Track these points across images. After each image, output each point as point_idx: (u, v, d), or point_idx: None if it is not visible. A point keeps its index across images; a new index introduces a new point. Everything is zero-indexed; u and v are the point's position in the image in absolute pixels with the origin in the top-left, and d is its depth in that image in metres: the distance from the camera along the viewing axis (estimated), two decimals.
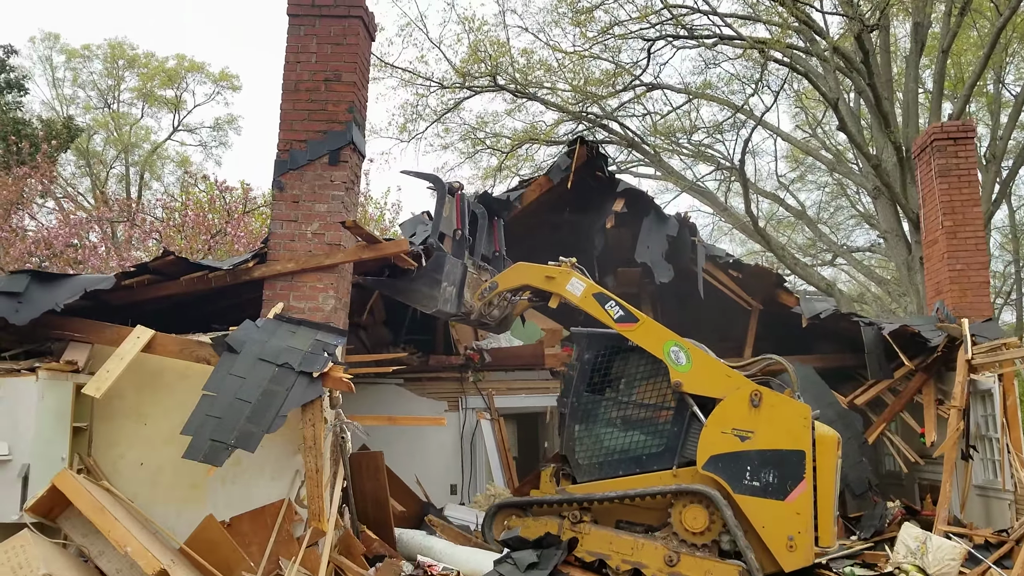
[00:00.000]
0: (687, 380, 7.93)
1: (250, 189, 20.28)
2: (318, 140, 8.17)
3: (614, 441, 8.32)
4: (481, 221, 9.57)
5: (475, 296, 8.93)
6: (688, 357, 7.97)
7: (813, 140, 27.45)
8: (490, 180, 25.25)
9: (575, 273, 8.46)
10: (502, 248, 9.88)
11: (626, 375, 8.46)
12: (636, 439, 8.24)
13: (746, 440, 7.64)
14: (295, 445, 7.12)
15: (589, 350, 8.54)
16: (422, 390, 11.47)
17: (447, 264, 8.47)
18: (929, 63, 22.39)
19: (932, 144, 11.84)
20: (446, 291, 8.44)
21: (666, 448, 8.09)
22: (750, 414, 7.67)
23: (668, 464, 8.03)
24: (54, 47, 37.12)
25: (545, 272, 8.58)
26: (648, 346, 8.10)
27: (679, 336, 8.12)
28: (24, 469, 6.69)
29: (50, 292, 7.27)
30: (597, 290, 8.35)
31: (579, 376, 8.52)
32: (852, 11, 18.07)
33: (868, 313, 27.21)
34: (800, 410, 7.68)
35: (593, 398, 8.46)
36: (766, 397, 7.69)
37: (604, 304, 8.24)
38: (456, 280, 8.59)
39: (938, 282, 11.86)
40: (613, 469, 8.25)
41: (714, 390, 7.88)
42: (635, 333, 8.14)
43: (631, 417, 8.31)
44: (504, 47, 23.08)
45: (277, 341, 7.24)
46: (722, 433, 7.72)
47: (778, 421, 7.64)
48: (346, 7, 8.31)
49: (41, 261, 16.79)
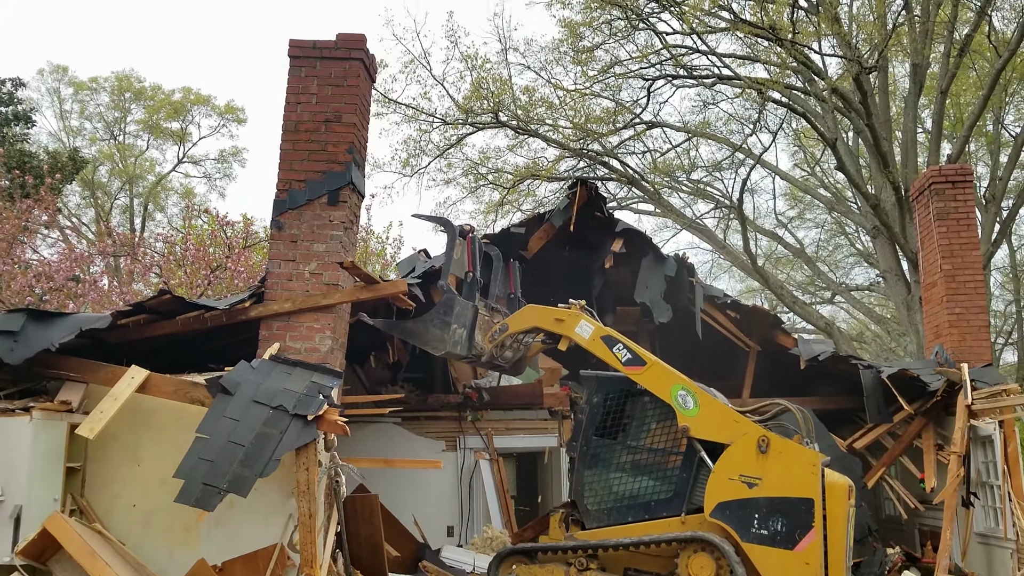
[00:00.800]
0: (694, 425, 7.82)
1: (251, 223, 20.37)
2: (317, 180, 8.21)
3: (623, 486, 8.17)
4: (496, 263, 9.59)
5: (486, 338, 8.89)
6: (696, 401, 7.86)
7: (812, 179, 27.58)
8: (492, 215, 25.34)
9: (584, 316, 8.41)
10: (517, 290, 9.88)
11: (635, 419, 8.33)
12: (645, 485, 8.09)
13: (754, 487, 7.49)
14: (289, 489, 7.07)
15: (598, 393, 8.42)
16: (420, 429, 11.41)
17: (457, 306, 8.45)
18: (928, 103, 22.53)
19: (930, 187, 11.87)
20: (456, 333, 8.42)
21: (675, 494, 7.95)
22: (758, 460, 7.53)
23: (677, 511, 7.88)
24: (62, 79, 37.49)
25: (554, 315, 8.53)
26: (656, 390, 8.00)
27: (687, 379, 8.02)
28: (16, 510, 6.65)
29: (46, 331, 7.28)
30: (605, 332, 8.28)
31: (588, 420, 8.39)
32: (850, 52, 18.22)
33: (867, 352, 27.16)
34: (808, 457, 7.53)
35: (602, 442, 8.31)
36: (774, 443, 7.56)
37: (612, 347, 8.16)
38: (467, 322, 8.56)
39: (937, 325, 11.83)
40: (622, 515, 8.09)
41: (722, 435, 7.75)
42: (643, 377, 8.04)
43: (640, 462, 8.17)
44: (506, 84, 23.28)
45: (272, 383, 7.22)
46: (730, 479, 7.58)
47: (786, 468, 7.49)
48: (347, 50, 8.39)
49: (42, 295, 16.81)
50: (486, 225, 25.37)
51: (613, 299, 12.85)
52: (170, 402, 7.25)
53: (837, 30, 18.12)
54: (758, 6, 18.58)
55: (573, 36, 22.38)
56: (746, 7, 19.80)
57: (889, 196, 18.87)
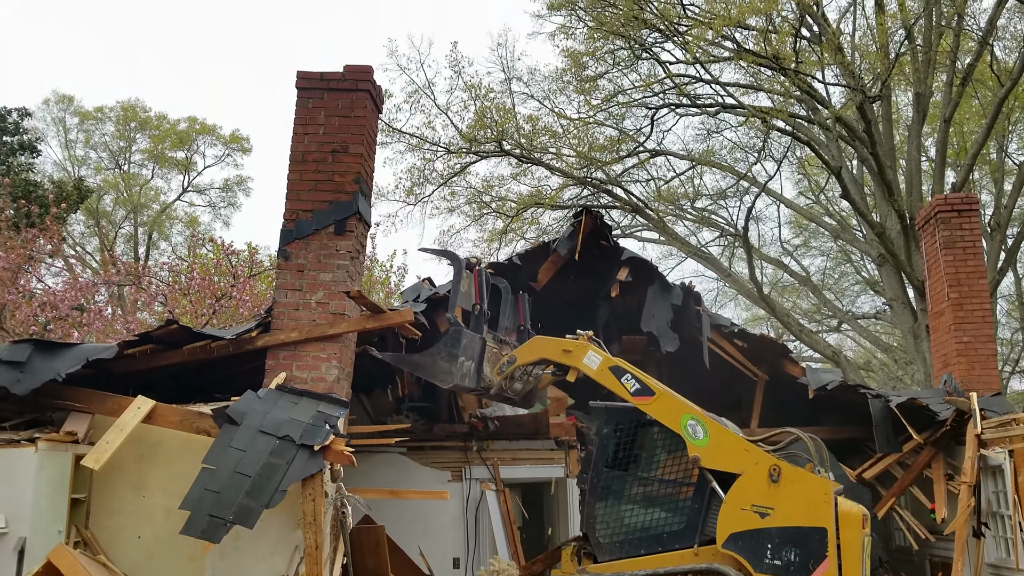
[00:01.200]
0: (705, 455, 7.72)
1: (256, 251, 20.40)
2: (324, 210, 8.22)
3: (635, 518, 8.07)
4: (505, 295, 9.57)
5: (495, 371, 8.84)
6: (705, 431, 7.76)
7: (816, 206, 27.63)
8: (495, 243, 25.39)
9: (592, 346, 8.36)
10: (527, 322, 9.84)
11: (645, 450, 8.23)
12: (657, 516, 7.97)
13: (766, 517, 7.37)
14: (295, 520, 7.00)
15: (607, 424, 8.34)
16: (425, 459, 11.33)
17: (464, 339, 8.39)
18: (931, 132, 22.63)
19: (936, 216, 11.87)
20: (464, 365, 8.35)
21: (687, 525, 7.84)
22: (769, 490, 7.41)
23: (689, 542, 7.76)
24: (67, 109, 37.77)
25: (562, 346, 8.49)
26: (665, 420, 7.91)
27: (697, 409, 7.94)
28: (20, 542, 6.59)
29: (52, 361, 7.26)
30: (614, 363, 8.21)
31: (598, 451, 8.30)
32: (854, 82, 18.33)
33: (874, 381, 27.06)
34: (820, 485, 7.40)
35: (613, 474, 8.21)
36: (785, 472, 7.45)
37: (620, 377, 8.09)
38: (474, 355, 8.52)
39: (945, 354, 11.78)
40: (634, 548, 7.97)
41: (733, 465, 7.65)
42: (652, 407, 7.96)
43: (652, 493, 8.06)
44: (510, 113, 23.42)
45: (278, 412, 7.18)
46: (741, 510, 7.46)
47: (798, 497, 7.37)
48: (354, 81, 8.43)
49: (46, 324, 16.80)
50: (489, 253, 25.41)
51: (619, 328, 12.81)
52: (176, 432, 7.22)
53: (840, 60, 18.24)
54: (761, 36, 18.71)
55: (576, 66, 22.57)
56: (749, 37, 19.96)
57: (894, 224, 18.89)
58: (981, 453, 10.02)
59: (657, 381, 8.21)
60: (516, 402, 9.51)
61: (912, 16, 18.32)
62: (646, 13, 19.76)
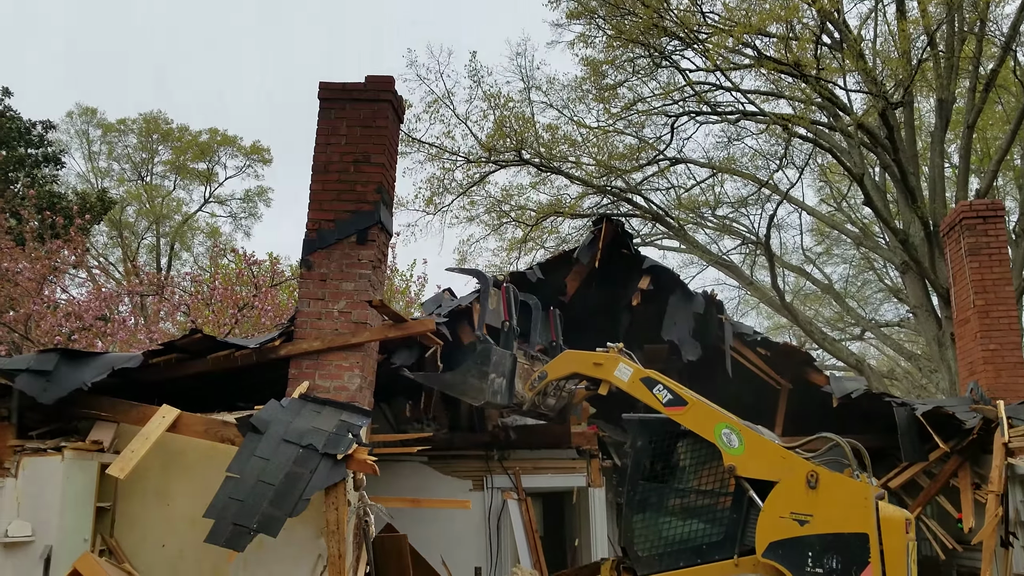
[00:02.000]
0: (740, 463, 7.54)
1: (277, 261, 20.54)
2: (346, 220, 8.24)
3: (673, 531, 7.89)
4: (535, 312, 9.55)
5: (527, 387, 8.81)
6: (740, 439, 7.59)
7: (839, 214, 27.46)
8: (515, 252, 25.42)
9: (623, 359, 8.25)
10: (559, 337, 9.82)
11: (681, 460, 8.07)
12: (695, 528, 7.80)
13: (805, 524, 7.16)
14: (318, 528, 7.01)
15: (641, 436, 8.19)
16: (447, 468, 11.32)
17: (494, 355, 8.38)
18: (955, 138, 22.47)
19: (961, 222, 11.76)
20: (495, 382, 8.33)
21: (726, 536, 7.63)
22: (808, 496, 7.21)
23: (729, 553, 7.56)
24: (91, 121, 38.23)
25: (592, 359, 8.40)
26: (699, 429, 7.75)
27: (731, 417, 7.80)
28: (47, 550, 6.63)
29: (78, 370, 7.30)
30: (645, 374, 8.09)
31: (633, 464, 8.15)
32: (876, 88, 18.22)
33: (898, 389, 26.82)
34: (860, 490, 7.14)
35: (649, 486, 8.05)
36: (823, 478, 7.22)
37: (652, 388, 7.96)
38: (505, 371, 8.50)
39: (971, 362, 11.65)
40: (674, 560, 7.77)
41: (769, 472, 7.46)
42: (685, 417, 7.81)
43: (689, 505, 7.89)
44: (529, 122, 23.48)
45: (301, 421, 7.20)
46: (780, 518, 7.25)
47: (837, 503, 7.14)
48: (376, 91, 8.47)
49: (70, 334, 16.96)
50: (509, 262, 25.45)
51: (640, 337, 12.75)
52: (200, 441, 7.24)
53: (862, 66, 18.14)
54: (782, 43, 18.65)
55: (596, 74, 22.59)
56: (770, 44, 19.89)
57: (918, 231, 18.74)
58: (1009, 462, 9.89)
59: (689, 391, 8.09)
60: (551, 418, 9.44)
61: (934, 22, 18.21)
62: (666, 21, 19.75)
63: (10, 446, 6.91)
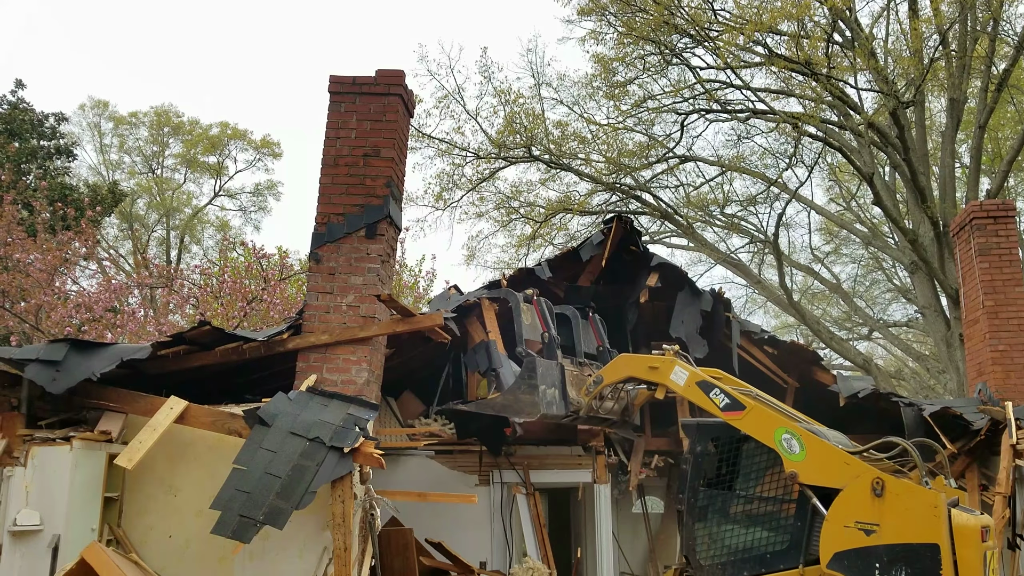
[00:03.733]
0: (802, 469, 7.20)
1: (287, 255, 20.59)
2: (355, 214, 8.27)
3: (736, 539, 7.64)
4: (574, 321, 9.47)
5: (582, 392, 8.65)
6: (801, 444, 7.23)
7: (848, 213, 27.39)
8: (524, 248, 25.44)
9: (678, 362, 8.02)
10: (604, 342, 9.73)
11: (742, 466, 7.78)
12: (759, 536, 7.53)
13: (872, 534, 6.77)
14: (324, 521, 7.05)
15: (700, 441, 7.96)
16: (453, 463, 11.34)
17: (540, 367, 8.23)
18: (966, 138, 22.38)
19: (971, 222, 11.71)
20: (547, 394, 8.17)
21: (791, 544, 7.35)
22: (873, 505, 6.80)
23: (794, 562, 7.25)
24: (103, 114, 38.37)
25: (648, 363, 8.23)
26: (758, 435, 7.46)
27: (791, 421, 7.50)
28: (55, 539, 6.68)
29: (88, 361, 7.34)
30: (701, 378, 7.84)
31: (693, 470, 7.92)
32: (886, 87, 18.15)
33: (906, 389, 26.75)
34: (928, 498, 6.67)
35: (710, 493, 7.81)
36: (889, 485, 6.80)
37: (708, 392, 7.70)
38: (555, 381, 8.36)
39: (980, 363, 11.61)
40: (737, 570, 7.52)
41: (832, 479, 7.08)
42: (743, 422, 7.51)
43: (752, 512, 7.62)
44: (539, 119, 23.46)
45: (309, 414, 7.23)
46: (845, 527, 6.89)
47: (905, 511, 6.71)
48: (386, 85, 8.48)
49: (80, 325, 17.05)
50: (517, 258, 25.47)
51: (648, 334, 12.75)
52: (207, 433, 7.28)
53: (873, 65, 18.08)
54: (793, 41, 18.59)
55: (606, 71, 22.55)
56: (781, 42, 19.84)
57: (927, 231, 18.67)
58: (1016, 464, 9.85)
59: (748, 393, 7.88)
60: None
61: (947, 21, 18.12)
62: (677, 18, 19.71)
63: (20, 435, 6.96)
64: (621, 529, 12.53)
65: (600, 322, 9.88)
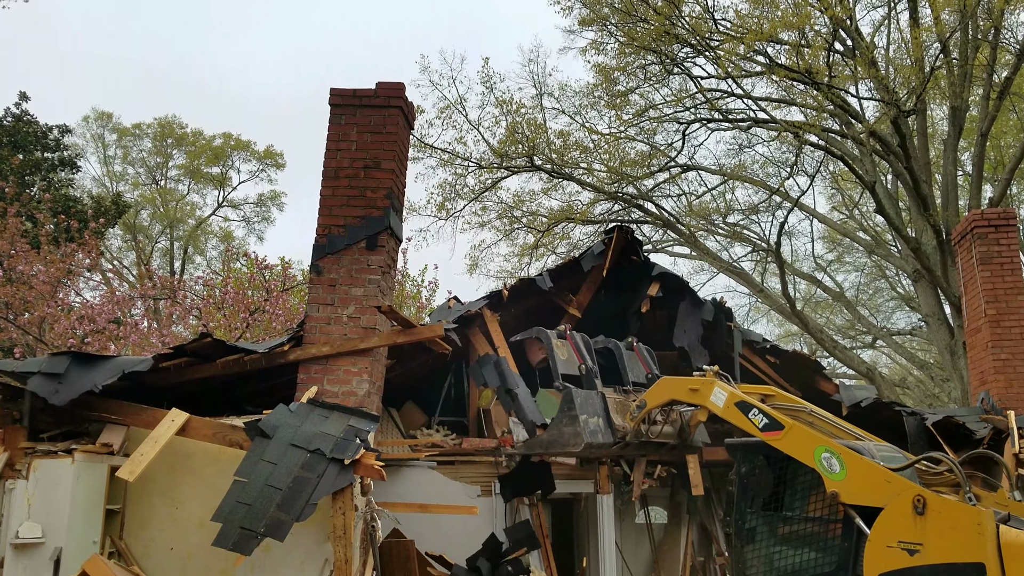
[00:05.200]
0: (844, 489, 7.04)
1: (289, 266, 20.63)
2: (356, 225, 8.29)
3: (784, 561, 7.50)
4: (618, 352, 9.55)
5: (627, 418, 8.72)
6: (841, 463, 7.08)
7: (850, 221, 27.40)
8: (526, 258, 25.47)
9: (717, 382, 8.02)
10: (653, 369, 9.79)
11: (787, 487, 7.64)
12: (807, 558, 7.38)
13: (915, 554, 6.53)
14: (325, 533, 7.05)
15: (745, 463, 7.86)
16: (455, 474, 11.32)
17: (578, 398, 8.35)
18: (968, 146, 22.37)
19: (972, 231, 11.70)
20: (589, 423, 8.28)
21: (839, 566, 7.16)
22: (915, 523, 6.57)
23: None
24: (106, 126, 38.51)
25: (688, 385, 8.23)
26: (798, 455, 7.34)
27: (830, 440, 7.36)
28: (56, 552, 6.68)
29: (89, 373, 7.36)
30: (739, 398, 7.79)
31: (739, 492, 7.80)
32: (888, 96, 18.16)
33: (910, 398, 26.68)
34: (972, 515, 6.42)
35: (756, 515, 7.70)
36: (931, 503, 6.56)
37: (747, 413, 7.65)
38: (597, 410, 8.47)
39: (982, 371, 11.59)
40: None
41: (874, 498, 6.89)
42: (783, 442, 7.40)
43: (799, 533, 7.46)
44: (541, 129, 23.52)
45: (309, 426, 7.23)
46: (888, 547, 6.66)
47: (948, 530, 6.47)
48: (386, 98, 8.51)
49: (84, 337, 17.08)
50: (520, 268, 25.49)
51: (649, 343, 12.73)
52: (209, 445, 7.29)
53: (874, 74, 18.09)
54: (794, 50, 18.63)
55: (607, 81, 22.61)
56: (782, 51, 19.88)
57: (930, 239, 18.66)
58: (1019, 473, 9.83)
59: (800, 410, 7.84)
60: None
61: (948, 29, 18.14)
62: (677, 28, 19.76)
63: (22, 448, 6.97)
64: (624, 539, 12.50)
65: (648, 352, 9.95)
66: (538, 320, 11.12)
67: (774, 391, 8.18)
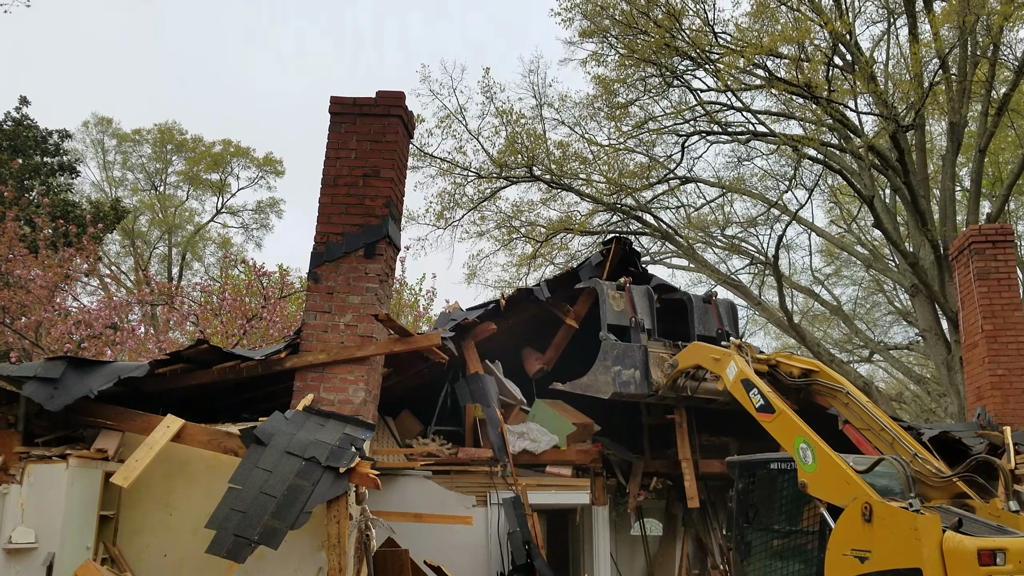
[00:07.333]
0: (812, 481, 7.14)
1: (287, 273, 20.61)
2: (354, 233, 8.30)
3: (775, 574, 7.67)
4: (689, 306, 10.38)
5: (663, 374, 9.37)
6: (814, 456, 7.15)
7: (848, 235, 27.43)
8: (524, 268, 25.48)
9: (735, 356, 8.21)
10: (724, 325, 10.28)
11: (776, 501, 7.83)
12: (794, 570, 7.53)
13: (865, 562, 6.51)
14: (319, 541, 7.03)
15: (741, 479, 8.08)
16: (450, 483, 11.28)
17: (615, 350, 9.29)
18: (966, 161, 22.43)
19: (970, 246, 11.73)
20: (622, 374, 9.19)
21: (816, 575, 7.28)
22: (865, 531, 6.57)
23: None
24: (106, 131, 38.51)
25: (713, 353, 8.62)
26: (781, 440, 7.55)
27: (811, 433, 7.39)
28: (49, 558, 6.66)
29: (85, 378, 7.35)
30: (745, 376, 7.92)
31: (737, 508, 8.06)
32: (886, 111, 18.22)
33: (907, 413, 26.66)
34: (908, 520, 6.30)
35: (752, 530, 7.91)
36: (876, 509, 6.55)
37: (748, 391, 7.85)
38: (637, 363, 9.34)
39: (979, 387, 11.59)
40: None
41: (836, 497, 6.97)
42: (771, 425, 7.62)
43: (788, 545, 7.64)
44: (540, 139, 23.55)
45: (305, 434, 7.22)
46: (843, 555, 6.70)
47: (890, 536, 6.41)
48: (386, 107, 8.54)
49: (80, 342, 17.05)
50: (518, 278, 25.49)
51: None
52: (203, 451, 7.28)
53: (873, 88, 18.15)
54: (793, 64, 18.69)
55: (607, 92, 22.67)
56: (781, 65, 19.94)
57: (928, 254, 18.69)
58: (1015, 488, 9.82)
59: (782, 401, 7.88)
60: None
61: (947, 45, 18.21)
62: (677, 41, 19.83)
63: (16, 453, 6.95)
64: (619, 551, 12.46)
65: (724, 306, 10.67)
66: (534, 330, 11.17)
67: (819, 367, 8.31)
